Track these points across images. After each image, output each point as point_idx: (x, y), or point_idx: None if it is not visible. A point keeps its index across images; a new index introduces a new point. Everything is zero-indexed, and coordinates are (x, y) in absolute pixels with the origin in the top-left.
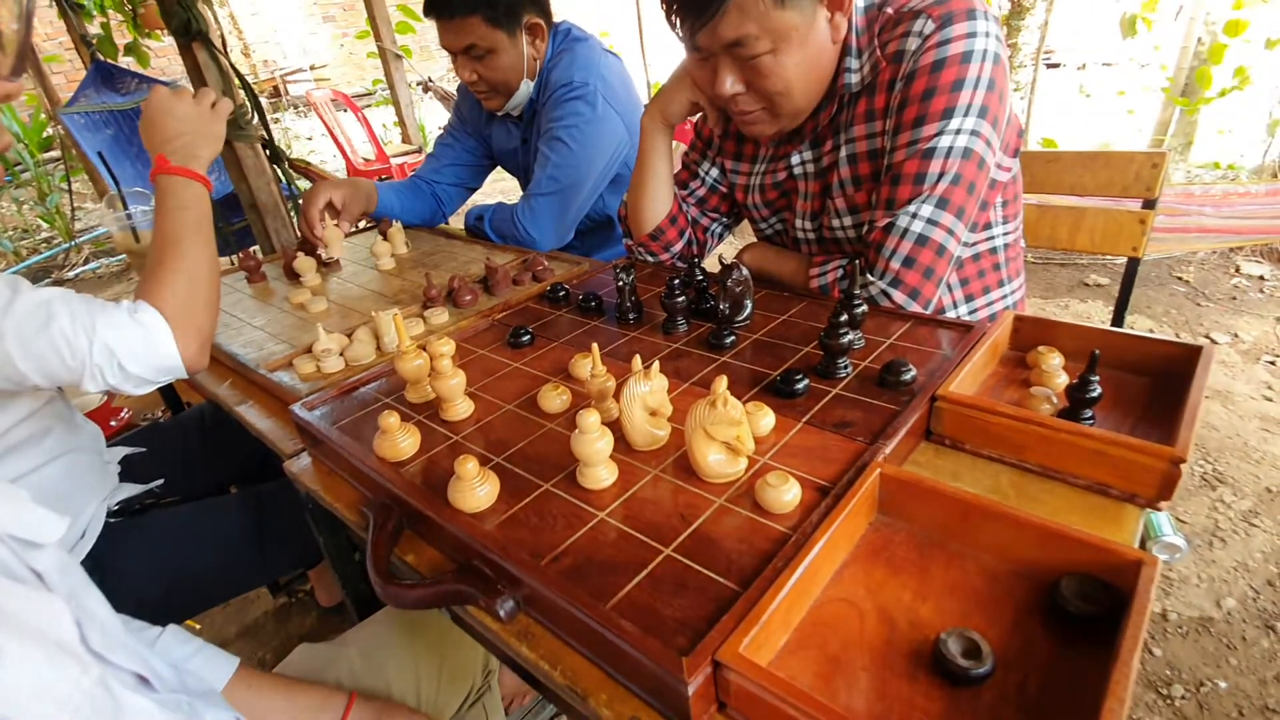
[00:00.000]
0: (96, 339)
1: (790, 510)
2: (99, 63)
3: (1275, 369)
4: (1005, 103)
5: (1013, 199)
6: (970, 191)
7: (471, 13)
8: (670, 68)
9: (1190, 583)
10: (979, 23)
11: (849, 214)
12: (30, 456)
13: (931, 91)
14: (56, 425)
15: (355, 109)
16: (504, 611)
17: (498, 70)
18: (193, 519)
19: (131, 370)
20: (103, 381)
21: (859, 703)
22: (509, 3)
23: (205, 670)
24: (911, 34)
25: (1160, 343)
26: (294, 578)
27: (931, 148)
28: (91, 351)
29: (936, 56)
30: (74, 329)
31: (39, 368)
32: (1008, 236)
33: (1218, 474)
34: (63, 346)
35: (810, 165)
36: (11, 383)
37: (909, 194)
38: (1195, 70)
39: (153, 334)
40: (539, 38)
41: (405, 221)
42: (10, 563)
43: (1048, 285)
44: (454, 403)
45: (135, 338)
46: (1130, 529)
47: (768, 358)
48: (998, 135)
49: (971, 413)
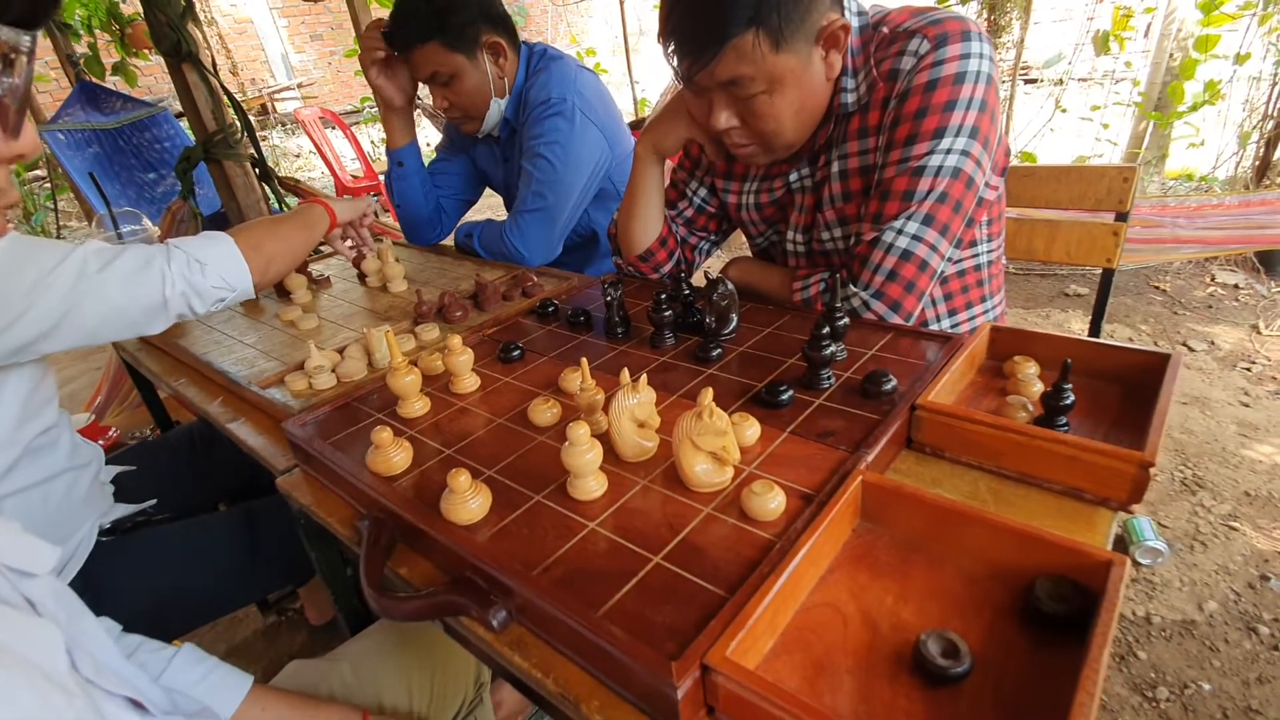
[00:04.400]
0: (179, 250)
1: (775, 518)
2: (83, 82)
3: (1251, 375)
4: (996, 123)
5: (997, 217)
6: (957, 210)
7: (426, 40)
8: (657, 85)
9: (1173, 586)
10: (973, 44)
11: (838, 226)
12: (43, 466)
13: (924, 111)
14: (65, 439)
15: (344, 126)
16: (497, 622)
17: (463, 94)
18: (183, 537)
19: (210, 270)
20: (184, 284)
21: (843, 704)
22: (462, 25)
23: (219, 690)
24: (906, 53)
25: (1131, 351)
26: (284, 596)
27: (921, 166)
28: (170, 260)
29: (930, 76)
30: (166, 254)
31: (138, 299)
32: (991, 254)
33: (1197, 479)
34: (157, 274)
35: (807, 181)
36: (88, 334)
37: (896, 210)
38: (1168, 85)
39: (222, 245)
40: (501, 55)
41: (409, 204)
42: (3, 590)
43: (1029, 296)
44: (463, 378)
45: (204, 243)
46: (1103, 531)
47: (753, 370)
48: (988, 155)
49: (950, 421)
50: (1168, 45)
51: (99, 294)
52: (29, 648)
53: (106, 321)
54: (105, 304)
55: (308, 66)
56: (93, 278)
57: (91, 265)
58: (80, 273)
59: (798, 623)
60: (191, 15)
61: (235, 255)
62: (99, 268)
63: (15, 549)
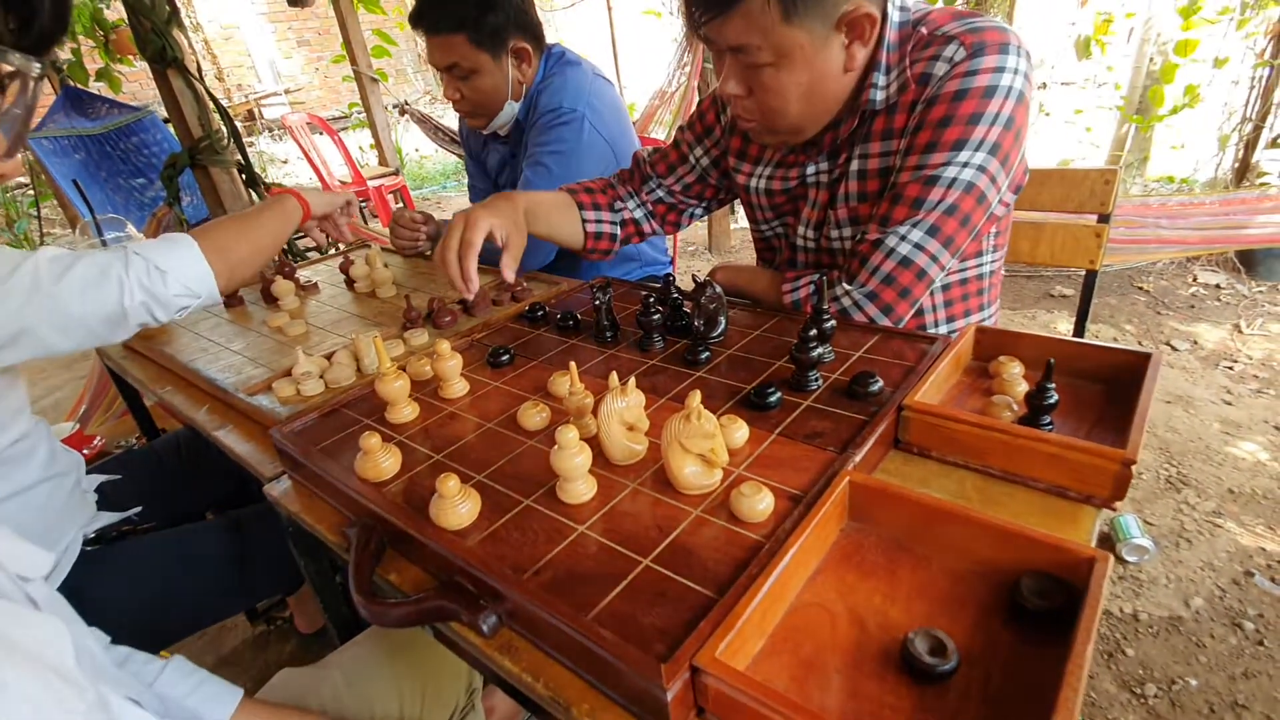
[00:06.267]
0: (138, 256)
1: (764, 519)
2: (68, 88)
3: (1233, 374)
4: (1020, 142)
5: (1005, 229)
6: (964, 224)
7: (455, 32)
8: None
9: (1159, 583)
10: (1009, 58)
11: (849, 225)
12: (18, 476)
13: (948, 120)
14: (41, 447)
15: (331, 132)
16: (487, 626)
17: (479, 91)
18: (170, 546)
19: (171, 278)
20: (144, 294)
21: (832, 703)
22: (495, 26)
23: (209, 703)
24: (941, 59)
25: (1113, 351)
26: (273, 604)
27: (936, 175)
28: (128, 268)
29: (960, 86)
30: (125, 261)
31: (96, 310)
32: (994, 264)
33: (1182, 476)
34: (114, 283)
35: (824, 176)
36: (46, 347)
37: (904, 215)
38: (1148, 89)
39: (184, 249)
40: (526, 62)
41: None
42: (9, 588)
43: (1015, 297)
44: (452, 383)
45: (166, 248)
46: (1087, 528)
47: (741, 372)
48: (1005, 173)
49: (937, 421)
50: (1148, 50)
51: (55, 305)
52: (38, 644)
53: (66, 332)
54: (62, 315)
55: (295, 72)
56: (47, 288)
57: (45, 275)
58: (34, 284)
59: (787, 623)
60: (177, 21)
61: (198, 260)
62: (54, 278)
63: (10, 553)
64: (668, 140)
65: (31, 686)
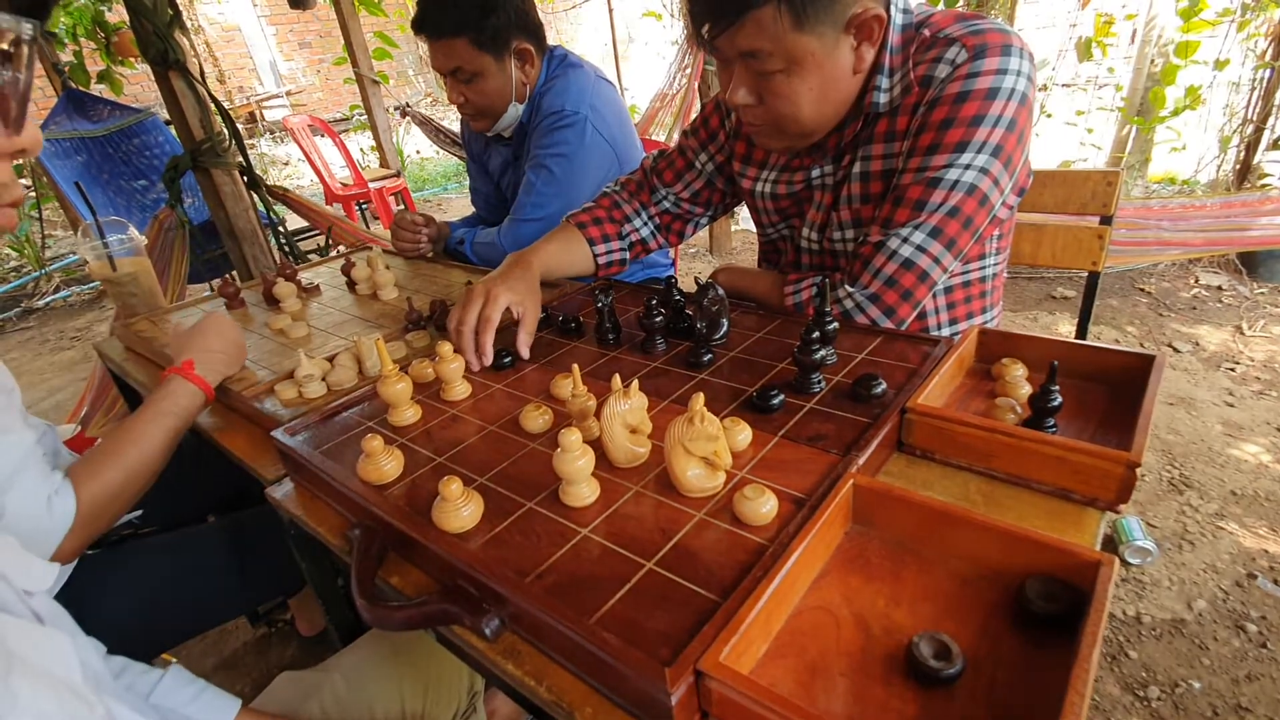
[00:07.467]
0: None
1: (768, 522)
2: (70, 90)
3: (1235, 376)
4: (1024, 144)
5: (1008, 232)
6: (966, 226)
7: (457, 35)
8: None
9: (1162, 586)
10: (1012, 60)
11: (852, 226)
12: None
13: (950, 122)
14: (51, 453)
15: (332, 134)
16: (489, 630)
17: (484, 94)
18: (171, 549)
19: None
20: None
21: (837, 707)
22: (497, 28)
23: (207, 713)
24: (943, 60)
25: (1115, 353)
26: (274, 607)
27: (938, 177)
28: None
29: (963, 88)
30: None
31: None
32: (997, 266)
33: (1184, 478)
34: None
35: (829, 178)
36: None
37: (906, 217)
38: (1149, 91)
39: (52, 529)
40: (529, 63)
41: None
42: (13, 602)
43: (1017, 299)
44: (454, 385)
45: (34, 523)
46: (1091, 531)
47: (744, 374)
48: (1008, 175)
49: (940, 423)
50: (1149, 51)
51: None
52: (46, 658)
53: None
54: None
55: (296, 74)
56: None
57: None
58: None
59: (791, 627)
60: (178, 23)
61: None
62: None
63: (15, 567)
64: (669, 142)
65: (45, 702)
